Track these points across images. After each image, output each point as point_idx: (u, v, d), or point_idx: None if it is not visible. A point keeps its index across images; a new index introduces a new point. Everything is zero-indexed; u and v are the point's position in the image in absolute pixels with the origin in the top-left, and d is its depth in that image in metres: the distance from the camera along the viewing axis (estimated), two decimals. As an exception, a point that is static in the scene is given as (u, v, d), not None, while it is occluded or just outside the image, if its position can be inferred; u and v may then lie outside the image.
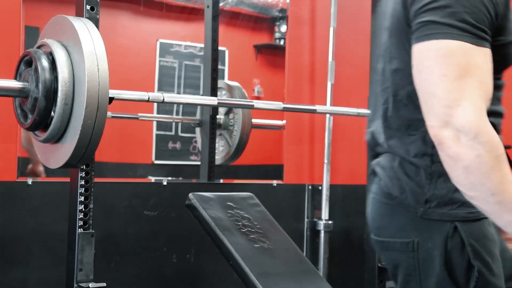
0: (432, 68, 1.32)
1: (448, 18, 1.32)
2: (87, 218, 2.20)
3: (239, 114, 3.30)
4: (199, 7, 3.37)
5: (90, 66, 1.82)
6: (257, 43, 3.73)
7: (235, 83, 3.44)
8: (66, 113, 1.86)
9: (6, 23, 2.78)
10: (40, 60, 1.88)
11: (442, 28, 1.32)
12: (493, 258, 1.44)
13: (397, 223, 1.51)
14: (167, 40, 3.41)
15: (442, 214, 1.43)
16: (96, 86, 1.82)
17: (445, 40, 1.32)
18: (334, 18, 3.53)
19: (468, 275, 1.41)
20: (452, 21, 1.32)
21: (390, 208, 1.52)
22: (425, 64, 1.34)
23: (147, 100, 2.11)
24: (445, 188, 1.43)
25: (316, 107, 2.57)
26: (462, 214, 1.43)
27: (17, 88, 1.94)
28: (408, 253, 1.47)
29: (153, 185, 3.19)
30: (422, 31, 1.35)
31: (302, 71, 3.63)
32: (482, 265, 1.41)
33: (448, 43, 1.32)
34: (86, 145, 1.86)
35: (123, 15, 3.36)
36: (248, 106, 2.37)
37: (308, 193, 3.59)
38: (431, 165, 1.45)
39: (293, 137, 3.61)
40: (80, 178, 2.19)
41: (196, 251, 3.21)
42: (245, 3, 3.61)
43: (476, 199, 1.31)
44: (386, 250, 1.55)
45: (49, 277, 2.81)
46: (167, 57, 3.40)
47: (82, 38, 1.85)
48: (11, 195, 2.78)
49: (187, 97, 3.15)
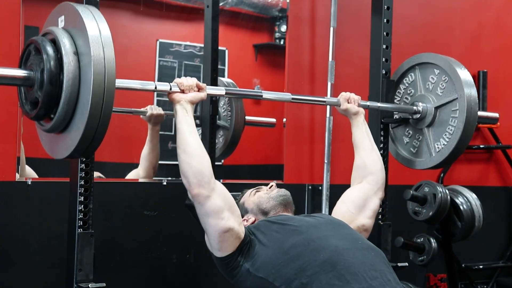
0: None
1: None
2: (87, 218, 2.20)
3: (232, 111, 3.31)
4: (199, 7, 3.37)
5: (95, 53, 1.77)
6: (257, 43, 3.73)
7: (229, 80, 3.45)
8: (72, 101, 1.82)
9: (6, 23, 2.78)
10: (45, 47, 1.84)
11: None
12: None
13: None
14: (167, 40, 3.40)
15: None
16: (102, 73, 1.77)
17: None
18: (334, 18, 3.53)
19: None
20: None
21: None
22: None
23: (154, 90, 2.08)
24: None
25: (325, 99, 2.54)
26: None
27: (22, 76, 1.89)
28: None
29: (153, 185, 3.18)
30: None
31: (302, 71, 3.63)
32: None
33: None
34: (93, 133, 1.81)
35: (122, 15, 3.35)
36: (256, 96, 2.35)
37: (308, 193, 3.59)
38: None
39: (293, 137, 3.60)
40: (79, 178, 2.19)
41: (196, 251, 3.20)
42: (245, 3, 3.60)
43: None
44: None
45: (49, 277, 2.80)
46: (167, 57, 3.39)
47: (87, 24, 1.81)
48: (11, 195, 2.78)
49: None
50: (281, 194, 2.29)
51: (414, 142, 2.79)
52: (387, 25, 2.77)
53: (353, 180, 2.46)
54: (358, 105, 2.51)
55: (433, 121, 2.68)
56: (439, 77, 2.68)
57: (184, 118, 2.07)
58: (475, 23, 4.30)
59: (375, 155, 2.47)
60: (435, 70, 2.69)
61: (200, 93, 2.13)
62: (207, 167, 2.04)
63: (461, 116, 2.57)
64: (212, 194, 2.03)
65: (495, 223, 4.25)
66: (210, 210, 2.02)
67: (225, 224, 2.02)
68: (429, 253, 3.25)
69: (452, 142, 2.60)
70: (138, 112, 3.14)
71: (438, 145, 2.67)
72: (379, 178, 2.42)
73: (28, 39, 1.97)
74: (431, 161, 2.70)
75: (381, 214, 2.75)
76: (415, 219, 3.27)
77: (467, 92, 2.56)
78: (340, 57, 3.57)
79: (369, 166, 2.43)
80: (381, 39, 2.76)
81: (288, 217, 2.20)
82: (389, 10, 2.78)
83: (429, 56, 2.73)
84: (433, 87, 2.70)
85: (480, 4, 4.34)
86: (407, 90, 2.82)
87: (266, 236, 2.07)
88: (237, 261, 2.06)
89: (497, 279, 4.25)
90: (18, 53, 2.77)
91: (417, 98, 2.75)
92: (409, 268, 2.93)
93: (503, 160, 4.37)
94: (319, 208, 3.50)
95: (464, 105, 2.55)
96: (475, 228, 3.43)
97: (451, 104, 2.62)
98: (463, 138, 2.58)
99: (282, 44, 3.67)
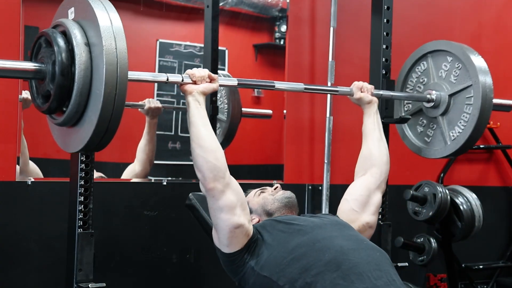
0: None
1: None
2: (87, 218, 2.20)
3: (229, 103, 3.31)
4: (199, 7, 3.36)
5: (107, 43, 1.75)
6: (257, 43, 3.73)
7: (225, 72, 3.46)
8: (84, 93, 1.78)
9: (6, 23, 2.78)
10: (56, 39, 1.80)
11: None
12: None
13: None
14: (167, 40, 3.40)
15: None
16: (114, 64, 1.74)
17: None
18: (334, 18, 3.53)
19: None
20: None
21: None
22: None
23: (166, 81, 2.06)
24: None
25: (338, 88, 2.51)
26: None
27: (33, 69, 1.85)
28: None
29: (153, 185, 3.18)
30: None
31: (302, 71, 3.63)
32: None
33: None
34: (107, 125, 1.78)
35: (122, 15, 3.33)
36: (269, 86, 2.32)
37: (308, 193, 3.59)
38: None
39: (293, 137, 3.60)
40: (79, 178, 2.19)
41: (196, 251, 3.20)
42: (245, 3, 3.60)
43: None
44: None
45: (49, 277, 2.80)
46: (167, 57, 3.39)
47: (98, 14, 1.78)
48: (11, 195, 2.78)
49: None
50: (287, 196, 2.29)
51: (428, 131, 2.75)
52: (387, 25, 2.77)
53: (357, 171, 2.44)
54: (372, 94, 2.49)
55: (447, 109, 2.64)
56: (452, 64, 2.64)
57: (197, 110, 2.05)
58: (475, 23, 4.30)
59: (382, 147, 2.44)
60: (448, 57, 2.65)
61: (212, 83, 2.11)
62: (222, 162, 2.04)
63: (476, 103, 2.53)
64: (226, 189, 2.03)
65: (495, 223, 4.25)
66: (224, 204, 2.02)
67: (237, 220, 2.02)
68: (429, 253, 3.25)
69: (467, 130, 2.56)
70: (136, 105, 3.16)
71: (453, 133, 2.62)
72: (383, 171, 2.40)
73: (28, 39, 1.95)
74: (446, 149, 2.66)
75: (381, 214, 2.75)
76: (415, 219, 3.27)
77: (482, 79, 2.52)
78: (340, 57, 3.57)
79: (374, 157, 2.41)
80: (381, 39, 2.76)
81: (294, 217, 2.20)
82: (389, 10, 2.78)
83: (441, 43, 2.69)
84: (446, 75, 2.66)
85: (480, 4, 4.34)
86: (419, 78, 2.77)
87: (271, 235, 2.08)
88: (243, 259, 2.05)
89: (497, 279, 4.25)
90: (18, 53, 2.77)
91: (430, 86, 2.71)
92: (409, 268, 2.93)
93: (503, 160, 4.37)
94: (319, 208, 3.50)
95: (479, 91, 2.51)
96: (475, 228, 3.43)
97: (465, 91, 2.58)
98: (479, 126, 2.54)
99: (282, 44, 3.67)
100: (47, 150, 3.00)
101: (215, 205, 2.03)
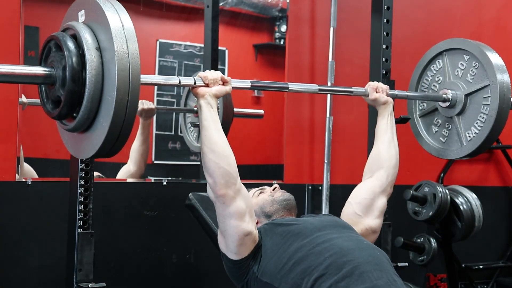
0: None
1: None
2: (87, 218, 2.20)
3: (220, 103, 3.31)
4: (199, 7, 3.37)
5: (119, 48, 1.70)
6: (257, 43, 3.73)
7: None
8: (96, 98, 1.73)
9: (6, 23, 2.78)
10: (66, 43, 1.75)
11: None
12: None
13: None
14: (167, 40, 3.41)
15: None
16: (126, 69, 1.69)
17: None
18: (334, 18, 3.53)
19: None
20: None
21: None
22: None
23: (178, 84, 2.03)
24: None
25: (352, 89, 2.45)
26: None
27: (43, 74, 1.80)
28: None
29: (153, 185, 3.19)
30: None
31: (302, 71, 3.63)
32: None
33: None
34: (119, 131, 1.73)
35: (123, 15, 3.36)
36: (283, 88, 2.29)
37: (308, 193, 3.58)
38: None
39: (293, 137, 3.60)
40: (79, 178, 2.19)
41: (196, 251, 3.20)
42: (245, 3, 3.60)
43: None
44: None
45: (49, 277, 2.80)
46: (167, 57, 3.39)
47: (109, 17, 1.73)
48: (11, 195, 2.78)
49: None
50: (285, 199, 2.27)
51: (443, 131, 2.67)
52: (387, 25, 2.77)
53: (365, 173, 2.40)
54: (387, 94, 2.43)
55: (463, 109, 2.56)
56: (469, 63, 2.57)
57: (210, 113, 2.01)
58: (475, 23, 4.30)
59: (392, 150, 2.39)
60: (465, 56, 2.58)
61: (225, 86, 2.07)
62: (234, 168, 2.00)
63: (493, 103, 2.45)
64: (237, 196, 1.99)
65: (495, 223, 4.25)
66: (234, 211, 1.98)
67: (246, 227, 1.99)
68: (429, 253, 3.25)
69: (484, 130, 2.48)
70: None
71: (469, 134, 2.55)
72: (389, 174, 2.35)
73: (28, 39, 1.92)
74: (462, 150, 2.58)
75: (381, 214, 2.75)
76: (415, 219, 3.27)
77: (500, 78, 2.44)
78: (340, 57, 3.57)
79: (383, 159, 2.36)
80: (381, 39, 2.76)
81: (293, 219, 2.18)
82: (389, 10, 2.78)
83: (457, 42, 2.62)
84: (463, 74, 2.59)
85: (480, 4, 4.34)
86: (435, 77, 2.69)
87: (271, 240, 2.06)
88: (248, 265, 2.04)
89: (497, 279, 4.25)
90: (18, 53, 2.77)
91: (446, 85, 2.63)
92: (409, 268, 2.93)
93: (503, 160, 4.37)
94: (319, 208, 3.50)
95: (497, 92, 2.43)
96: (475, 228, 3.43)
97: (482, 91, 2.51)
98: (496, 127, 2.45)
99: (282, 44, 3.67)
100: (46, 150, 3.00)
101: (225, 211, 1.99)
